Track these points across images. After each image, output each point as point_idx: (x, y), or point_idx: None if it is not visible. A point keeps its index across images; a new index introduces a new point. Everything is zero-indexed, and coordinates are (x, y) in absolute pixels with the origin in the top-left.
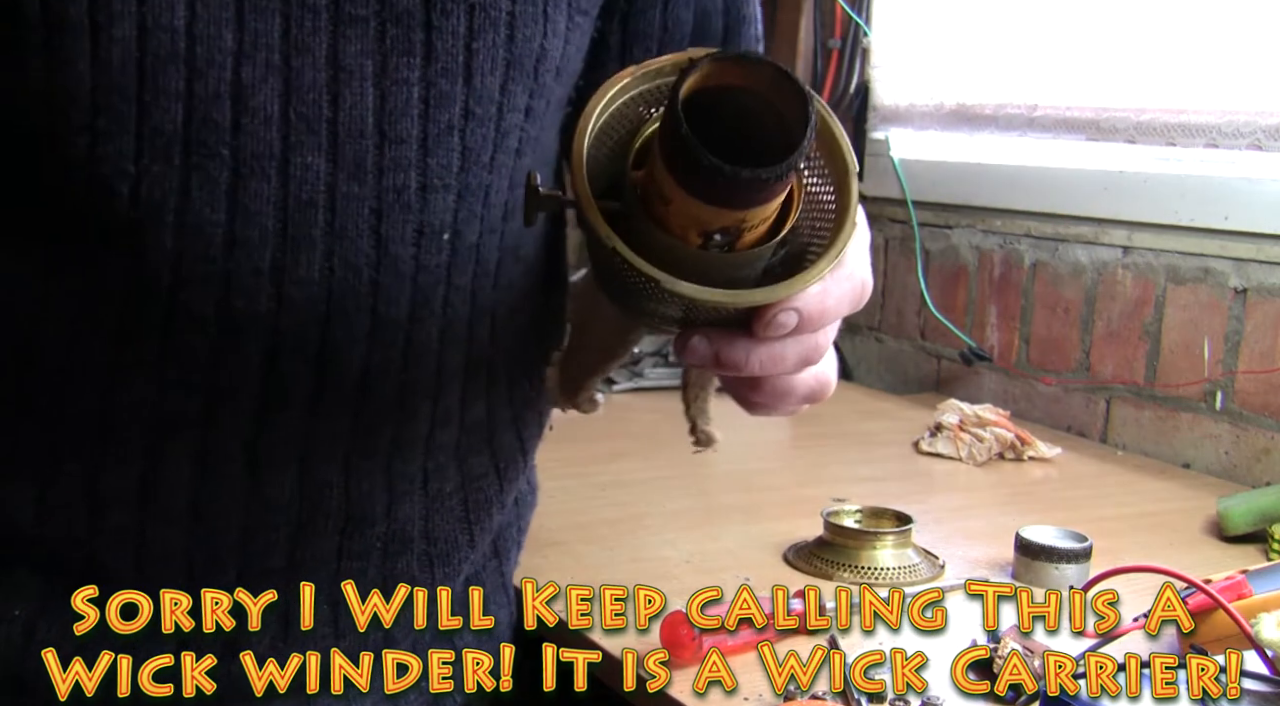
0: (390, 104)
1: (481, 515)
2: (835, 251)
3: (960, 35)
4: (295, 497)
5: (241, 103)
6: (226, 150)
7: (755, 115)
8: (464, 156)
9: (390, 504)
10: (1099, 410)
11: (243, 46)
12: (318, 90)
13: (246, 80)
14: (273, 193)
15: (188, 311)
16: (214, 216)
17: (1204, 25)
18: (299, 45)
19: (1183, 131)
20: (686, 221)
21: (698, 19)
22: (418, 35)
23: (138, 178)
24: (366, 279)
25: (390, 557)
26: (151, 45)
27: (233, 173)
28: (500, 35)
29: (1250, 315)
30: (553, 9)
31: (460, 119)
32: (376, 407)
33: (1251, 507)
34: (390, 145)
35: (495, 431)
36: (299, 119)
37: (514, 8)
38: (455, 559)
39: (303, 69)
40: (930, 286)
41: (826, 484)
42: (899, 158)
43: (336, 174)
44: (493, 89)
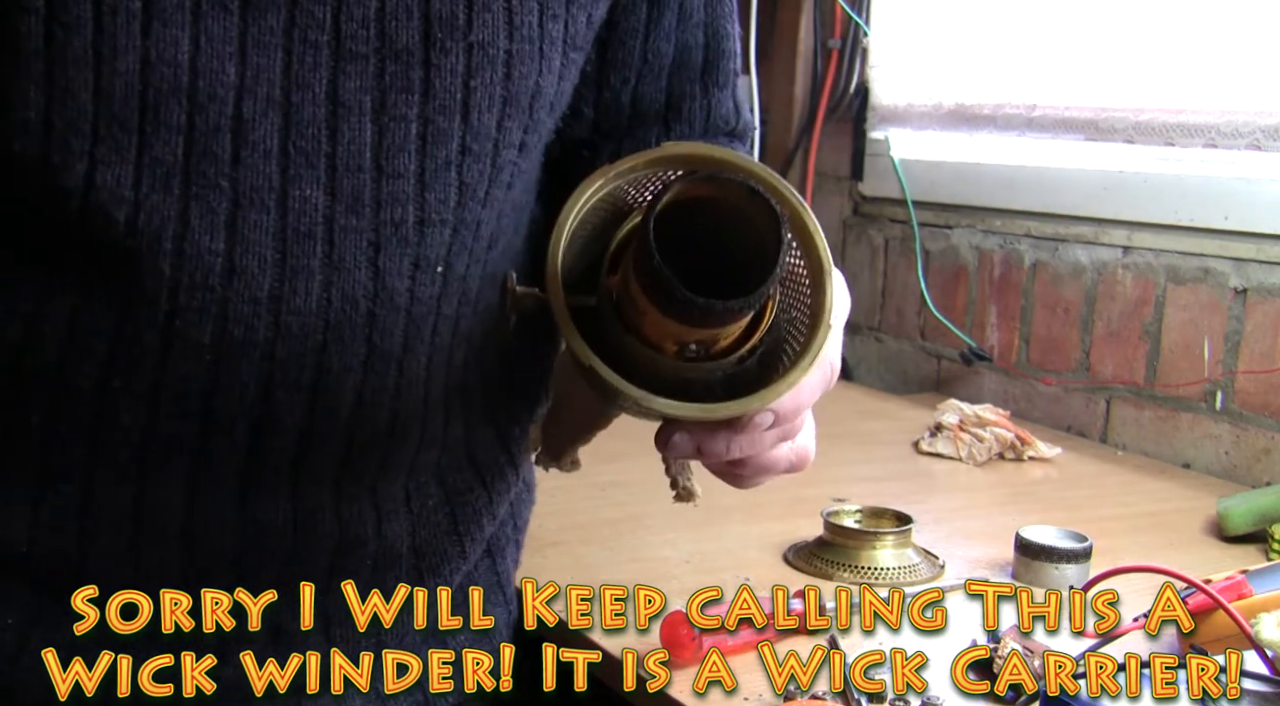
0: (388, 139)
1: (471, 527)
2: (810, 357)
3: (959, 35)
4: (289, 521)
5: (242, 136)
6: (226, 182)
7: (730, 223)
8: (461, 191)
9: (379, 523)
10: (1099, 410)
11: (244, 81)
12: (317, 125)
13: (247, 114)
14: (271, 224)
15: (184, 338)
16: (213, 245)
17: (1203, 25)
18: (299, 81)
19: (1182, 131)
20: (662, 333)
21: (678, 53)
22: (416, 73)
23: (136, 206)
24: (364, 310)
25: (379, 572)
26: (154, 79)
27: (232, 204)
28: (498, 73)
29: (1250, 315)
30: (548, 47)
31: (457, 155)
32: (368, 434)
33: (1251, 507)
34: (388, 180)
35: (476, 448)
36: (298, 153)
37: (511, 46)
38: (445, 569)
39: (302, 104)
40: (930, 286)
41: (826, 484)
42: (899, 158)
43: (335, 207)
44: (489, 126)
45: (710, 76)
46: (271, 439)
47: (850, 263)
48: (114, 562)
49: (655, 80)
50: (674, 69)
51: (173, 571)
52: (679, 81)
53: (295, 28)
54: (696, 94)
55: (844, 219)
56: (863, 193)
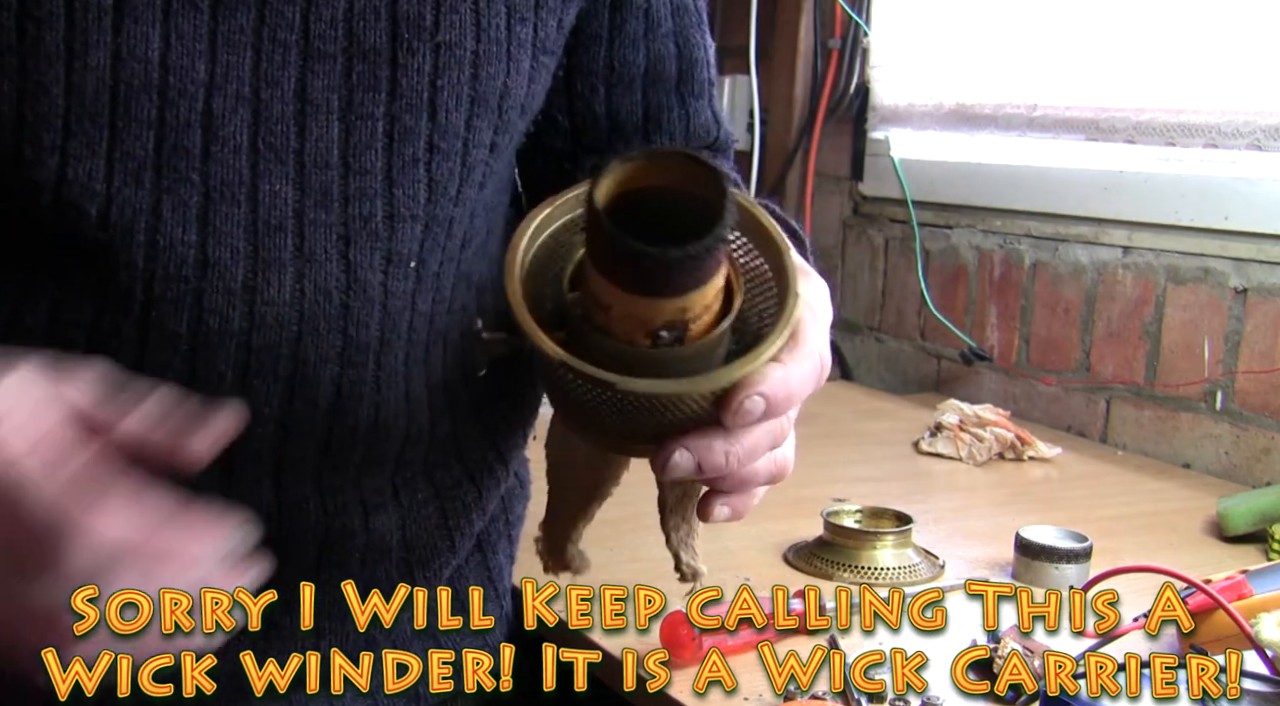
0: (355, 137)
1: (461, 522)
2: (784, 325)
3: (960, 35)
4: (274, 512)
5: (212, 132)
6: (197, 176)
7: (680, 214)
8: (430, 189)
9: (366, 516)
10: (1099, 410)
11: (214, 78)
12: (286, 122)
13: (217, 110)
14: (242, 217)
15: (161, 329)
16: (185, 237)
17: (1203, 25)
18: (268, 79)
19: (1182, 131)
20: (630, 324)
21: (650, 63)
22: (384, 72)
23: (108, 199)
24: (337, 302)
25: (369, 565)
26: (125, 74)
27: (203, 197)
28: (465, 73)
29: (1250, 315)
30: (515, 49)
31: (425, 152)
32: (348, 426)
33: (1251, 507)
34: (355, 176)
35: (464, 445)
36: (267, 148)
37: (479, 47)
38: (435, 564)
39: (271, 101)
40: (930, 286)
41: (826, 484)
42: (899, 158)
43: (304, 201)
44: (458, 125)
45: (686, 86)
46: (251, 427)
47: (850, 263)
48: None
49: (628, 92)
50: (648, 81)
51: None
52: (655, 93)
53: (265, 27)
54: (674, 105)
55: (844, 219)
56: (863, 193)
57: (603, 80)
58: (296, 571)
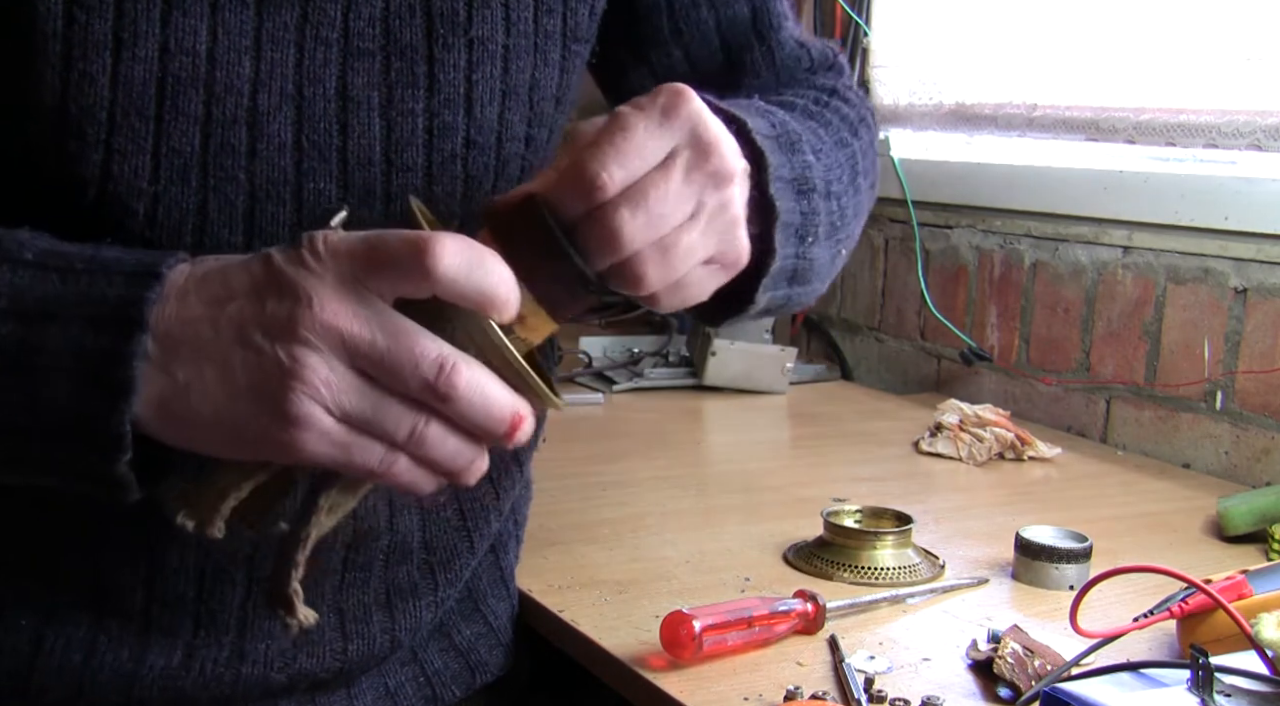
0: (396, 134)
1: (480, 523)
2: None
3: (960, 35)
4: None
5: (258, 129)
6: (243, 175)
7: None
8: (467, 184)
9: (391, 516)
10: (1099, 410)
11: (259, 74)
12: (328, 119)
13: (262, 107)
14: (288, 217)
15: None
16: (232, 239)
17: (1203, 25)
18: (311, 76)
19: (1182, 131)
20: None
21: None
22: (421, 68)
23: (155, 198)
24: None
25: (391, 567)
26: (173, 67)
27: (249, 196)
28: (497, 68)
29: (1250, 315)
30: (544, 40)
31: (462, 148)
32: None
33: (1251, 507)
34: (397, 173)
35: None
36: (311, 146)
37: (509, 41)
38: (455, 565)
39: (314, 98)
40: (930, 286)
41: (826, 484)
42: (899, 157)
43: (347, 199)
44: (491, 119)
45: (761, 22)
46: None
47: (850, 262)
48: (130, 559)
49: (705, 45)
50: (723, 31)
51: (189, 567)
52: (732, 36)
53: (308, 24)
54: (753, 44)
55: None
56: None
57: (676, 44)
58: (321, 575)
